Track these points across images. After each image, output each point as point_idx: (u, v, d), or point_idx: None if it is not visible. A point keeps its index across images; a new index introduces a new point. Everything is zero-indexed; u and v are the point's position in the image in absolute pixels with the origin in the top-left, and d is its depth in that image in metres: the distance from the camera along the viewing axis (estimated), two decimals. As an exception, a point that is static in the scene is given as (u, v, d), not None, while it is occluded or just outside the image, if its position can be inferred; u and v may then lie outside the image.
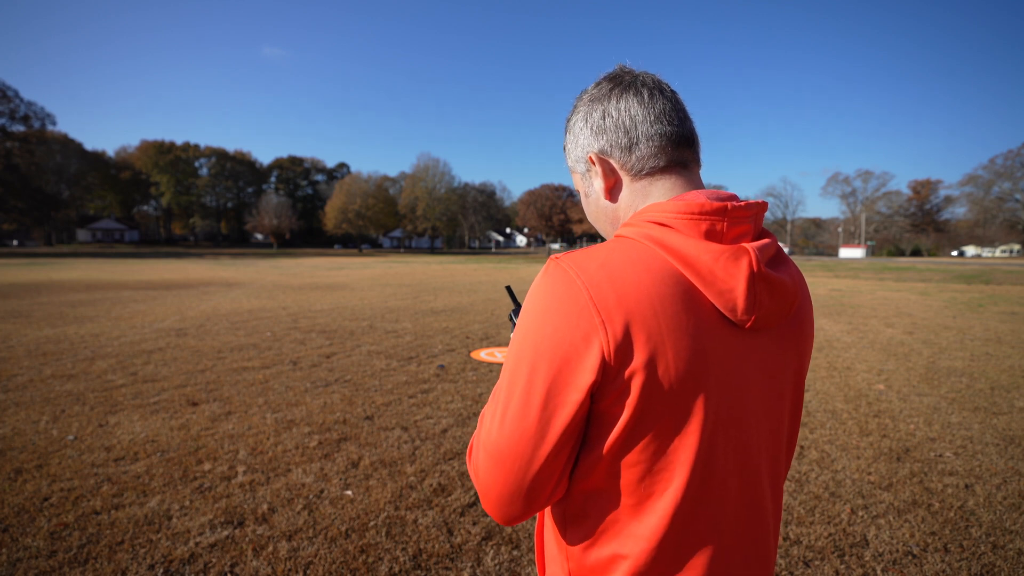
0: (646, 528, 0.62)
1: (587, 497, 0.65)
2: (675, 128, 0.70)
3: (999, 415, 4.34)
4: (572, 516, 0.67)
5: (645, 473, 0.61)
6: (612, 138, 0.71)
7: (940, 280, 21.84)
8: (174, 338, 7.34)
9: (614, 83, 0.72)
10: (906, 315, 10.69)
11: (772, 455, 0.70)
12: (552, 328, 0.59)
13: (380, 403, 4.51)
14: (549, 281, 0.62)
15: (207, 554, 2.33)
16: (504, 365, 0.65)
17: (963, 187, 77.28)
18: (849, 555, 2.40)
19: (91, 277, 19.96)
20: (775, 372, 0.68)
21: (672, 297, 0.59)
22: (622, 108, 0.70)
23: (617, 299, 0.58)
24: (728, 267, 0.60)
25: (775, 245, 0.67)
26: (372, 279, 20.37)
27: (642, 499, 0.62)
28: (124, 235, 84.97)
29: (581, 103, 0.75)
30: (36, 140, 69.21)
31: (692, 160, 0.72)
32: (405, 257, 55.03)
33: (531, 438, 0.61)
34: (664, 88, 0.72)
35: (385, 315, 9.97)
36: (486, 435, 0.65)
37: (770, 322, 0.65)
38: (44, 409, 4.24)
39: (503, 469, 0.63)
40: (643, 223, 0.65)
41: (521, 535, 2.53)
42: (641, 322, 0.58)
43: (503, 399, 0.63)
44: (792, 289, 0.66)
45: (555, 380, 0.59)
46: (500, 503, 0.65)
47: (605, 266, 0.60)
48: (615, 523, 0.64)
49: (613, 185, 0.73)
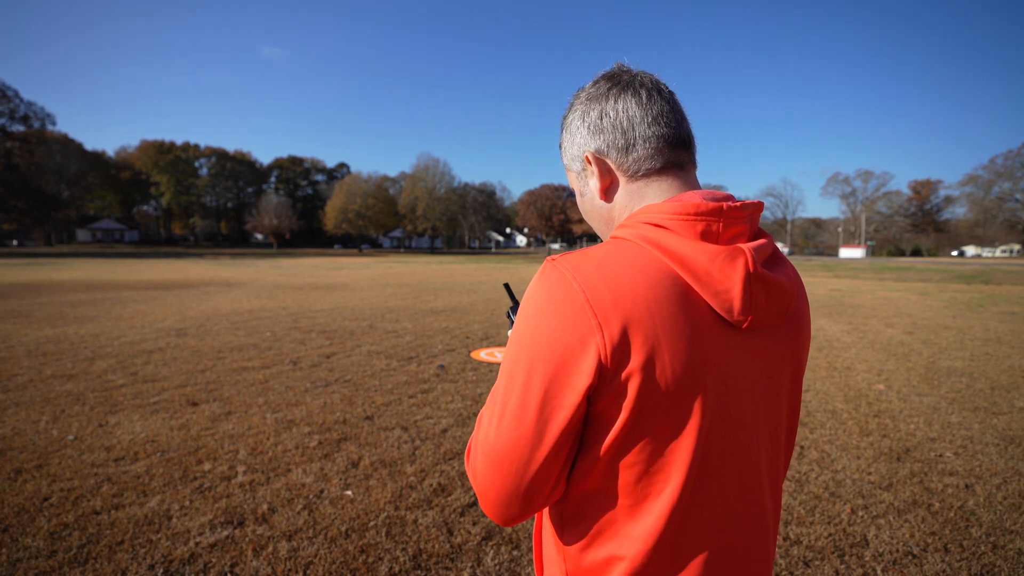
0: (643, 529, 0.62)
1: (584, 498, 0.65)
2: (672, 130, 0.69)
3: (999, 415, 4.34)
4: (570, 517, 0.67)
5: (642, 474, 0.61)
6: (609, 138, 0.70)
7: (940, 280, 21.84)
8: (174, 338, 7.34)
9: (612, 82, 0.72)
10: (906, 315, 10.69)
11: (771, 455, 0.70)
12: (548, 330, 0.59)
13: (380, 403, 4.51)
14: (545, 283, 0.61)
15: (207, 554, 2.33)
16: (501, 367, 0.65)
17: (963, 187, 77.39)
18: (849, 555, 2.40)
19: (91, 277, 19.96)
20: (772, 372, 0.68)
21: (668, 299, 0.59)
22: (620, 108, 0.69)
23: (613, 301, 0.58)
24: (724, 268, 0.60)
25: (771, 245, 0.67)
26: (372, 279, 20.38)
27: (639, 500, 0.62)
28: (124, 235, 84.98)
29: (579, 101, 0.74)
30: (36, 140, 69.18)
31: (688, 161, 0.72)
32: (405, 257, 55.04)
33: (528, 440, 0.61)
34: (662, 89, 0.71)
35: (385, 315, 9.97)
36: (483, 437, 0.65)
37: (767, 322, 0.65)
38: (44, 409, 4.24)
39: (501, 471, 0.63)
40: (638, 224, 0.65)
41: (521, 535, 2.53)
42: (637, 324, 0.57)
43: (500, 401, 0.63)
44: (789, 290, 0.66)
45: (552, 383, 0.59)
46: (498, 504, 0.65)
47: (601, 268, 0.60)
48: (612, 524, 0.64)
49: (609, 185, 0.73)
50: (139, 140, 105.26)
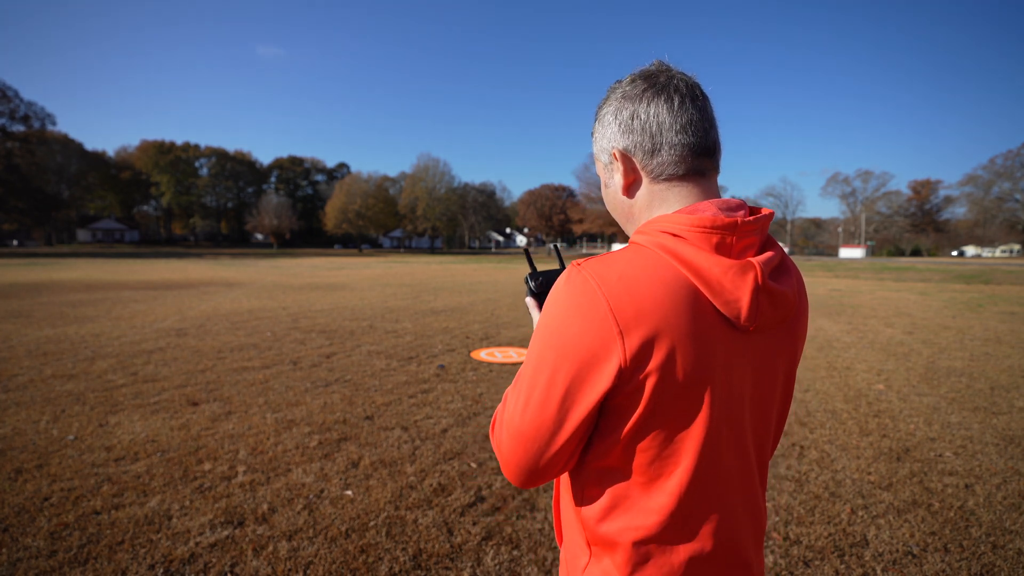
0: (656, 504, 0.70)
1: (602, 475, 0.72)
2: (698, 139, 0.73)
3: (999, 415, 4.34)
4: (589, 491, 0.74)
5: (656, 457, 0.69)
6: (637, 139, 0.74)
7: (940, 280, 21.84)
8: (174, 338, 7.34)
9: (648, 83, 0.74)
10: (906, 315, 10.69)
11: (759, 435, 0.78)
12: (574, 333, 0.65)
13: (380, 403, 4.52)
14: (572, 289, 0.67)
15: (207, 554, 2.33)
16: (528, 356, 0.71)
17: (963, 187, 77.24)
18: (849, 555, 2.40)
19: (91, 277, 19.95)
20: (770, 366, 0.75)
21: (682, 305, 0.65)
22: (651, 112, 0.73)
23: (635, 311, 0.64)
24: (735, 280, 0.66)
25: (779, 255, 0.73)
26: (372, 279, 20.37)
27: (652, 479, 0.70)
28: (124, 235, 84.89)
29: (614, 96, 0.78)
30: (36, 140, 69.02)
31: (711, 168, 0.76)
32: (405, 257, 55.03)
33: (550, 427, 0.69)
34: (696, 95, 0.74)
35: (385, 315, 9.97)
36: (509, 417, 0.73)
37: (769, 327, 0.71)
38: (44, 409, 4.24)
39: (523, 448, 0.71)
40: (656, 232, 0.70)
41: (521, 535, 2.53)
42: (655, 331, 0.63)
43: (526, 388, 0.70)
44: (792, 300, 0.72)
45: (574, 380, 0.66)
46: (519, 474, 0.74)
47: (623, 279, 0.65)
48: (627, 499, 0.71)
49: (632, 183, 0.77)
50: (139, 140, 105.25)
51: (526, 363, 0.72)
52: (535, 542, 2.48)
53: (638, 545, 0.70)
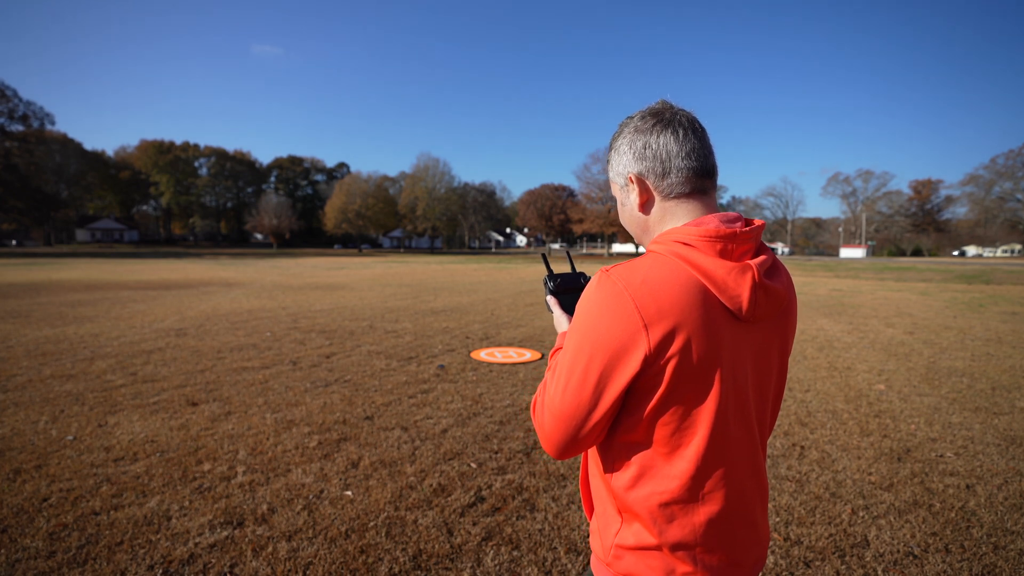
0: (677, 470, 0.83)
1: (630, 447, 0.86)
2: (700, 163, 0.89)
3: (1000, 415, 4.33)
4: (618, 463, 0.88)
5: (675, 430, 0.82)
6: (650, 165, 0.89)
7: (941, 280, 21.84)
8: (174, 338, 7.34)
9: (657, 119, 0.90)
10: (907, 315, 10.68)
11: (760, 411, 0.92)
12: (606, 328, 0.79)
13: (380, 403, 4.51)
14: (603, 291, 0.81)
15: (207, 554, 2.33)
16: (565, 347, 0.85)
17: (964, 187, 77.27)
18: (850, 555, 2.40)
19: (91, 277, 19.94)
20: (766, 352, 0.91)
21: (695, 301, 0.79)
22: (661, 143, 0.88)
23: (656, 308, 0.77)
24: (737, 279, 0.80)
25: (772, 258, 0.88)
26: (372, 279, 20.36)
27: (673, 449, 0.83)
28: (124, 235, 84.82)
29: (627, 129, 0.93)
30: (35, 140, 68.91)
31: (711, 187, 0.92)
32: (405, 257, 55.01)
33: (585, 407, 0.82)
34: (696, 128, 0.90)
35: (385, 315, 9.96)
36: (550, 399, 0.86)
37: (765, 318, 0.86)
38: (43, 409, 4.23)
39: (562, 426, 0.85)
40: (670, 242, 0.84)
41: (521, 535, 2.53)
42: (674, 324, 0.77)
43: (565, 375, 0.84)
44: (784, 295, 0.88)
45: (606, 368, 0.80)
46: (558, 448, 0.87)
47: (647, 282, 0.79)
48: (651, 467, 0.85)
49: (646, 201, 0.92)
50: (138, 140, 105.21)
51: (564, 353, 0.85)
52: (535, 542, 2.48)
53: (664, 507, 0.84)
